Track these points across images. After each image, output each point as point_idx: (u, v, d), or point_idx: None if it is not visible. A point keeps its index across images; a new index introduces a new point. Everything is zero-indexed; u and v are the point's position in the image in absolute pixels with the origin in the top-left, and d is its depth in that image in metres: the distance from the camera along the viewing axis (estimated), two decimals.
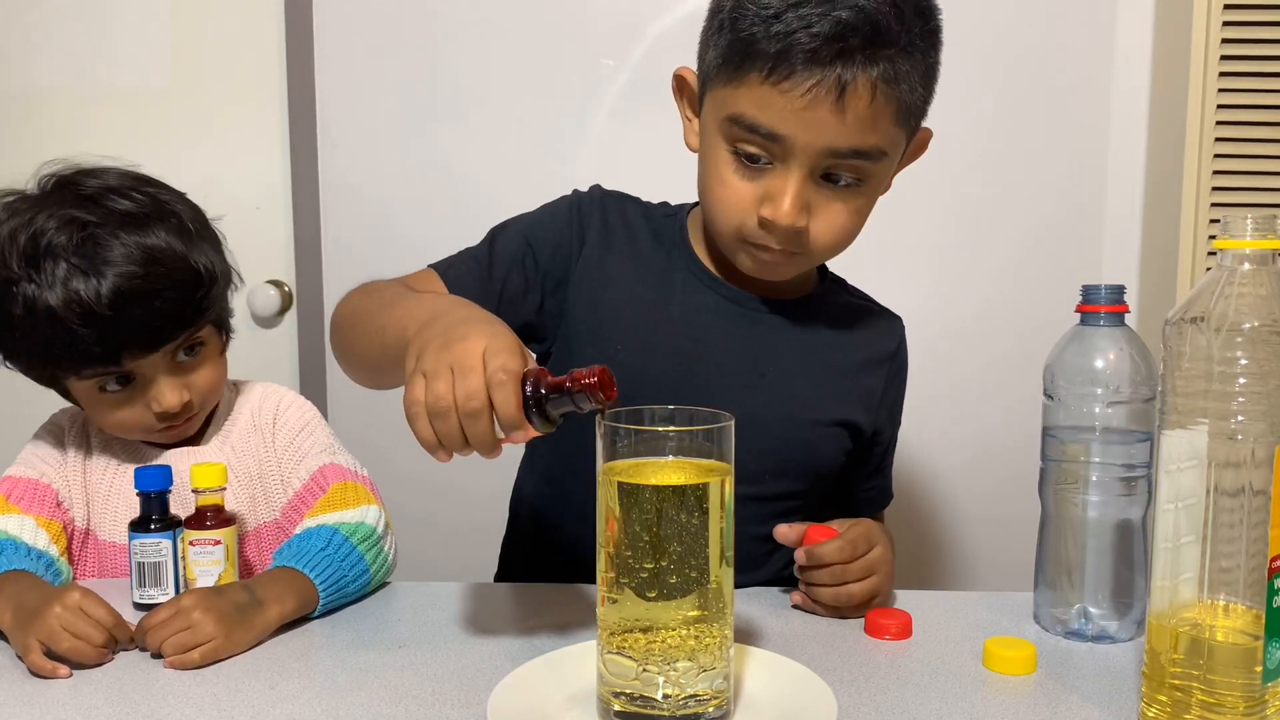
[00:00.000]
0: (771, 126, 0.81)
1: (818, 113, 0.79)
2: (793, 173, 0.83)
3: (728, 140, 0.85)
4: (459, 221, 1.81)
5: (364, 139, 1.82)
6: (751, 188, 0.86)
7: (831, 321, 1.01)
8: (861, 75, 0.78)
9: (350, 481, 0.96)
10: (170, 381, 0.92)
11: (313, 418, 1.03)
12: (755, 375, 0.96)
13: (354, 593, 0.89)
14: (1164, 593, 0.64)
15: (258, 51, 1.85)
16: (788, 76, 0.79)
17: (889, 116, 0.82)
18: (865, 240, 0.92)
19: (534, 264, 0.96)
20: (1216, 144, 1.62)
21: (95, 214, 0.88)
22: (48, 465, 0.96)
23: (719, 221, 0.90)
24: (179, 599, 0.78)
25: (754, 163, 0.85)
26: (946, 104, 1.89)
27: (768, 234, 0.86)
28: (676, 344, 0.95)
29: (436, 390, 0.66)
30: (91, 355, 0.88)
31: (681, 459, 0.64)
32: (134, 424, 0.94)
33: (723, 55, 0.84)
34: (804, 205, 0.85)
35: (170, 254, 0.89)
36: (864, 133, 0.81)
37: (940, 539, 1.85)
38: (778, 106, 0.80)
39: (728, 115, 0.84)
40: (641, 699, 0.64)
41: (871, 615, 0.83)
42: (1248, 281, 0.62)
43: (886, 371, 1.04)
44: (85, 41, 1.86)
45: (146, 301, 0.87)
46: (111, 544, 0.97)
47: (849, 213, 0.87)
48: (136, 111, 1.85)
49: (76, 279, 0.85)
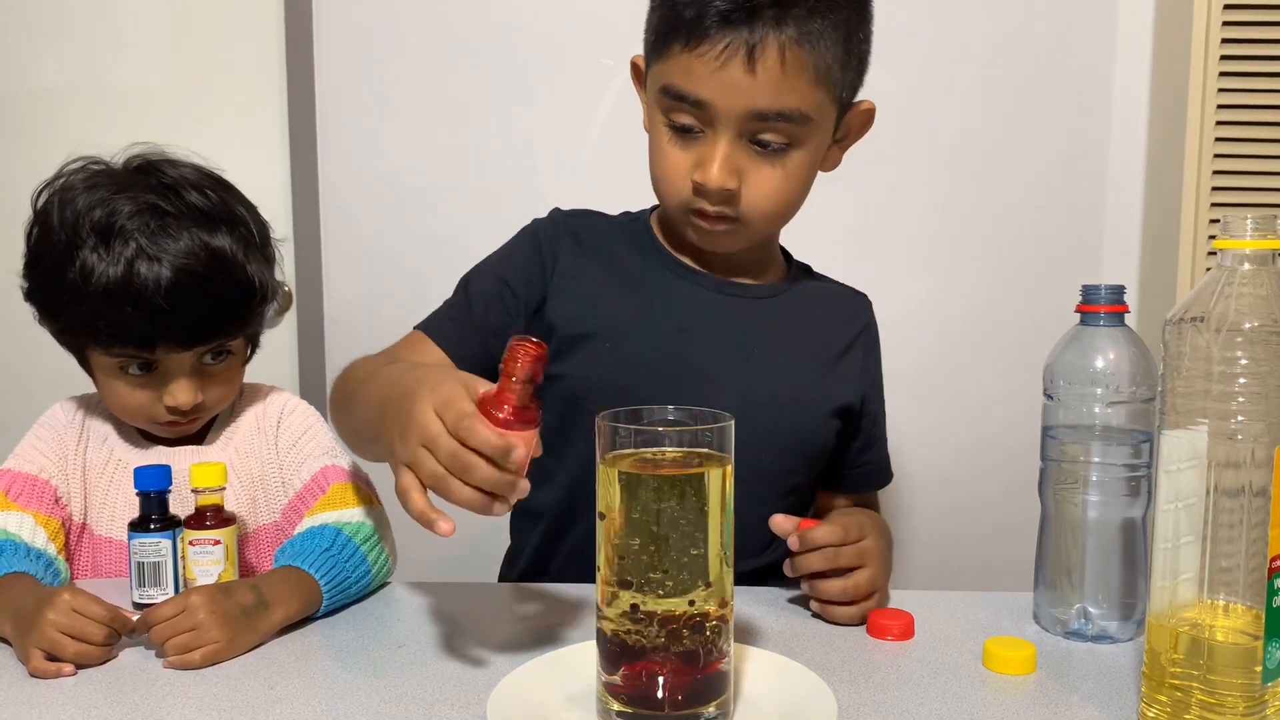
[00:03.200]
0: (694, 91, 0.87)
1: (732, 74, 0.84)
2: (720, 137, 0.88)
3: (664, 113, 0.91)
4: (459, 221, 1.82)
5: (364, 139, 1.82)
6: (686, 156, 0.91)
7: (807, 305, 1.05)
8: (770, 35, 0.83)
9: (351, 482, 0.97)
10: (189, 382, 0.93)
11: (316, 422, 1.03)
12: (743, 356, 0.98)
13: (356, 593, 0.89)
14: (1164, 593, 0.64)
15: (258, 51, 1.85)
16: (702, 40, 0.84)
17: (805, 78, 0.86)
18: (866, 240, 0.93)
19: (511, 295, 1.00)
20: (1216, 144, 1.62)
21: (172, 205, 0.90)
22: (47, 460, 0.96)
23: (662, 193, 0.95)
24: (187, 596, 0.78)
25: (688, 133, 0.90)
26: (947, 104, 1.90)
27: (703, 199, 0.91)
28: (663, 333, 0.98)
29: (426, 472, 0.67)
30: (129, 337, 0.89)
31: (681, 452, 0.65)
32: (140, 411, 0.94)
33: (654, 32, 0.91)
34: (733, 169, 0.89)
35: (230, 259, 0.91)
36: (780, 93, 0.85)
37: (940, 539, 1.85)
38: (697, 72, 0.86)
39: (659, 88, 0.90)
40: (642, 698, 0.64)
41: (874, 615, 0.83)
42: (1248, 281, 0.62)
43: (863, 344, 1.07)
44: (86, 42, 1.86)
45: (198, 299, 0.89)
46: (108, 539, 0.97)
47: (780, 177, 0.91)
48: (137, 111, 1.85)
49: (141, 261, 0.87)
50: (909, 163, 1.79)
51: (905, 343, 1.78)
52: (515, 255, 1.03)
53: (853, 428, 1.06)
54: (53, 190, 0.92)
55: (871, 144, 1.48)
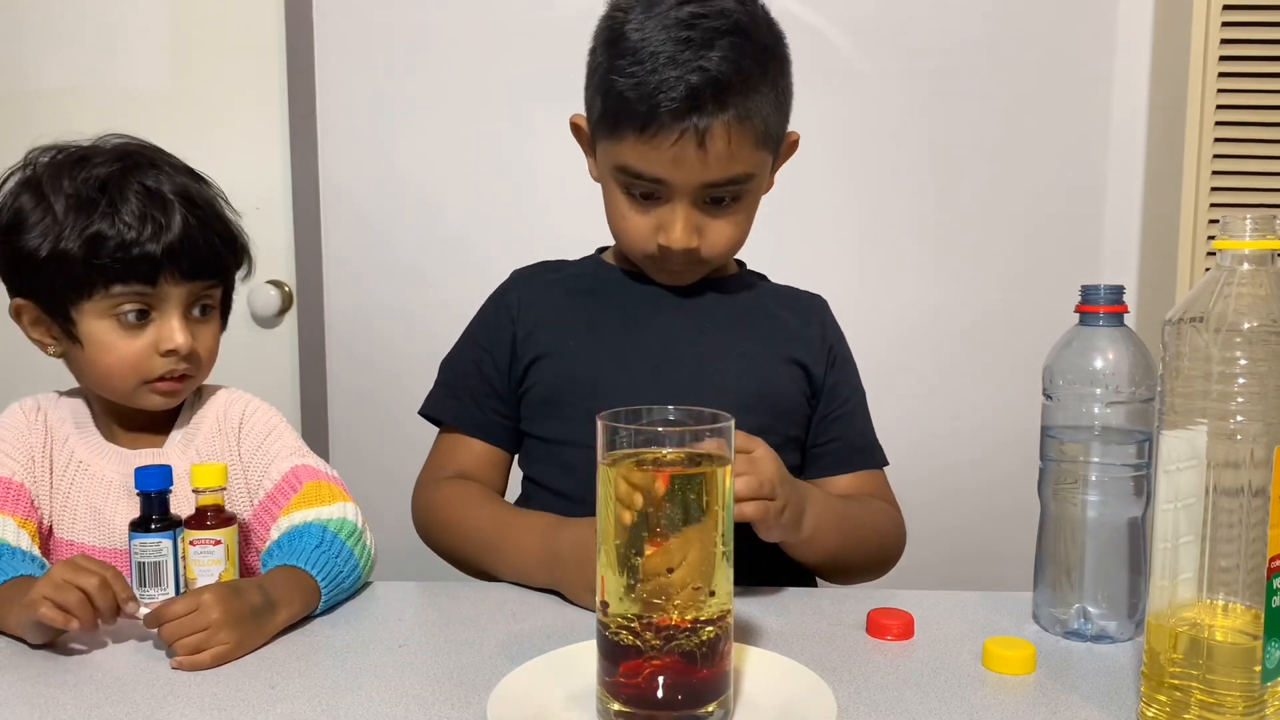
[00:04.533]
0: (652, 173, 0.96)
1: (686, 158, 0.93)
2: (678, 205, 0.98)
3: (620, 185, 1.00)
4: (459, 222, 1.82)
5: (364, 139, 1.82)
6: (648, 220, 1.00)
7: (759, 296, 1.13)
8: (716, 121, 0.92)
9: (325, 480, 0.96)
10: (182, 324, 0.93)
11: (279, 422, 1.02)
12: (696, 333, 1.06)
13: (347, 589, 0.89)
14: (1163, 592, 0.64)
15: (258, 51, 1.85)
16: (656, 133, 0.93)
17: (749, 145, 0.95)
18: (866, 241, 0.93)
19: (490, 361, 1.09)
20: (1216, 144, 1.62)
21: (157, 161, 0.95)
22: (16, 463, 0.94)
23: (628, 249, 1.05)
24: (199, 594, 0.77)
25: (647, 198, 0.99)
26: (947, 104, 1.89)
27: (668, 257, 1.00)
28: (619, 329, 1.07)
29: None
30: (134, 269, 0.90)
31: (680, 451, 0.65)
32: (134, 365, 0.93)
33: (601, 114, 0.98)
34: (693, 228, 0.98)
35: (217, 208, 0.97)
36: (729, 165, 0.95)
37: (940, 539, 1.85)
38: (653, 157, 0.94)
39: (615, 165, 0.98)
40: (642, 698, 0.64)
41: (874, 615, 0.83)
42: (1247, 282, 0.62)
43: (819, 328, 1.12)
44: (86, 42, 1.86)
45: (196, 229, 0.92)
46: (69, 543, 0.96)
47: (734, 224, 1.01)
48: (137, 111, 1.85)
49: (141, 194, 0.91)
50: (909, 163, 1.79)
51: (904, 343, 1.78)
52: (486, 324, 1.12)
53: (815, 392, 1.09)
54: (28, 167, 0.93)
55: (872, 144, 1.50)
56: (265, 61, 1.85)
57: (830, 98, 1.77)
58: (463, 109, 1.79)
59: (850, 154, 1.80)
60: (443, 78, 1.78)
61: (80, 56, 1.86)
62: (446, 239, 1.81)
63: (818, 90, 1.77)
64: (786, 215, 1.72)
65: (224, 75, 1.86)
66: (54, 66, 1.86)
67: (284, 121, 1.85)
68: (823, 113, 1.75)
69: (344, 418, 1.90)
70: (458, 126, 1.79)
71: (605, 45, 0.98)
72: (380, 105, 1.81)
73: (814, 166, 1.81)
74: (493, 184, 1.79)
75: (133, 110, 1.85)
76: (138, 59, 1.86)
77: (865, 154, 1.81)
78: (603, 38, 1.00)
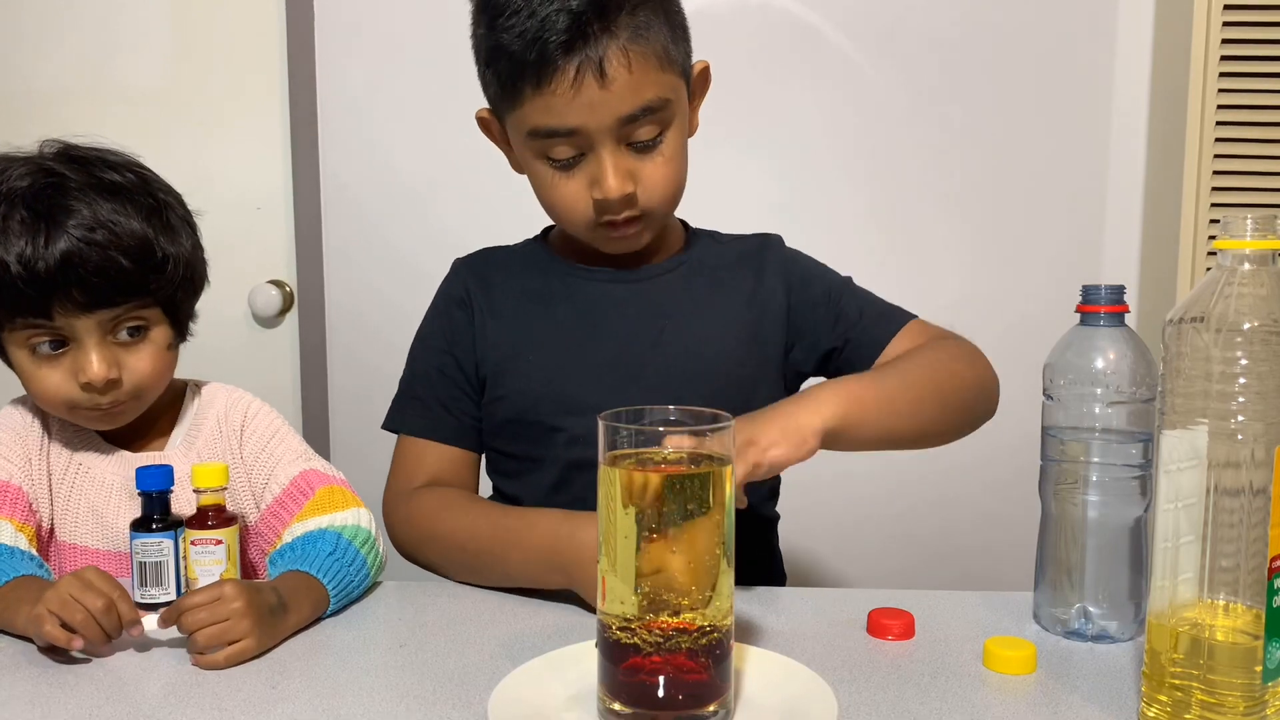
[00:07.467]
0: (563, 124, 0.91)
1: (589, 94, 0.89)
2: (603, 152, 0.93)
3: (537, 154, 0.95)
4: (459, 221, 1.82)
5: (364, 139, 1.82)
6: (577, 183, 0.95)
7: (707, 266, 1.09)
8: (611, 47, 0.88)
9: (335, 485, 0.96)
10: (100, 354, 0.89)
11: (281, 425, 1.02)
12: (655, 332, 1.04)
13: (356, 596, 0.89)
14: (1164, 592, 0.64)
15: (258, 51, 1.85)
16: (553, 78, 0.89)
17: (652, 68, 0.91)
18: (866, 240, 0.93)
19: (453, 363, 1.07)
20: (1216, 144, 1.62)
21: (74, 174, 0.88)
22: (13, 465, 0.94)
23: (568, 223, 1.00)
24: (221, 585, 0.77)
25: (571, 163, 0.94)
26: (947, 103, 1.89)
27: (608, 213, 0.96)
28: (574, 334, 1.04)
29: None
30: (22, 301, 0.86)
31: (680, 451, 0.65)
32: (58, 395, 0.90)
33: (498, 85, 0.94)
34: (625, 173, 0.94)
35: (129, 229, 0.89)
36: (638, 92, 0.91)
37: (940, 539, 1.85)
38: (557, 106, 0.90)
39: (526, 132, 0.94)
40: (642, 698, 0.64)
41: (874, 615, 0.83)
42: (1247, 282, 0.62)
43: (774, 271, 1.08)
44: (86, 42, 1.86)
45: (87, 264, 0.86)
46: (72, 546, 0.96)
47: (665, 163, 0.96)
48: (137, 111, 1.86)
49: (27, 233, 0.85)
50: (908, 164, 1.79)
51: None
52: (437, 323, 1.09)
53: (791, 321, 1.07)
54: None
55: (872, 144, 1.49)
56: (266, 61, 1.85)
57: (830, 98, 1.77)
58: (463, 109, 1.78)
59: (848, 155, 1.80)
60: (443, 78, 1.78)
61: (80, 57, 1.86)
62: (448, 239, 1.80)
63: (818, 90, 1.77)
64: (784, 216, 1.72)
65: (225, 75, 1.86)
66: (54, 66, 1.86)
67: (285, 121, 1.85)
68: (822, 113, 1.75)
69: (344, 418, 1.90)
70: (458, 127, 1.78)
71: (480, 12, 0.95)
72: (381, 105, 1.81)
73: (813, 167, 1.81)
74: (493, 184, 1.79)
75: (134, 110, 1.85)
76: (138, 59, 1.86)
77: (864, 155, 1.81)
78: (477, 7, 0.96)
